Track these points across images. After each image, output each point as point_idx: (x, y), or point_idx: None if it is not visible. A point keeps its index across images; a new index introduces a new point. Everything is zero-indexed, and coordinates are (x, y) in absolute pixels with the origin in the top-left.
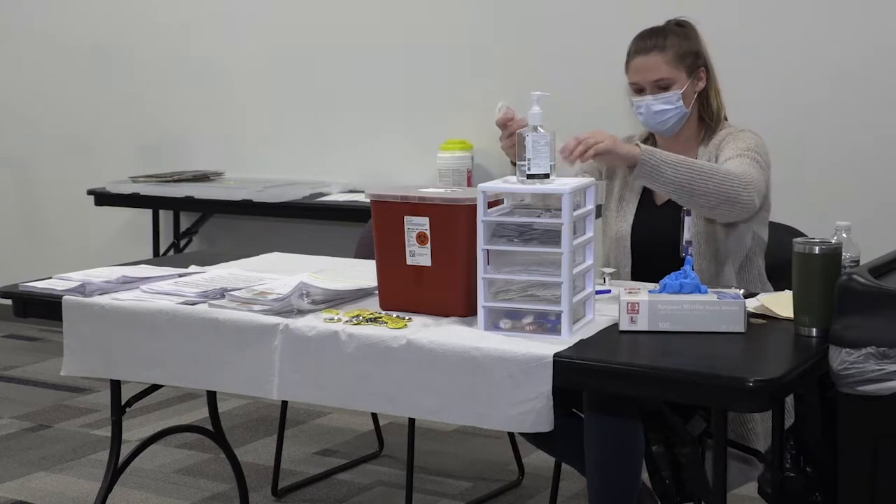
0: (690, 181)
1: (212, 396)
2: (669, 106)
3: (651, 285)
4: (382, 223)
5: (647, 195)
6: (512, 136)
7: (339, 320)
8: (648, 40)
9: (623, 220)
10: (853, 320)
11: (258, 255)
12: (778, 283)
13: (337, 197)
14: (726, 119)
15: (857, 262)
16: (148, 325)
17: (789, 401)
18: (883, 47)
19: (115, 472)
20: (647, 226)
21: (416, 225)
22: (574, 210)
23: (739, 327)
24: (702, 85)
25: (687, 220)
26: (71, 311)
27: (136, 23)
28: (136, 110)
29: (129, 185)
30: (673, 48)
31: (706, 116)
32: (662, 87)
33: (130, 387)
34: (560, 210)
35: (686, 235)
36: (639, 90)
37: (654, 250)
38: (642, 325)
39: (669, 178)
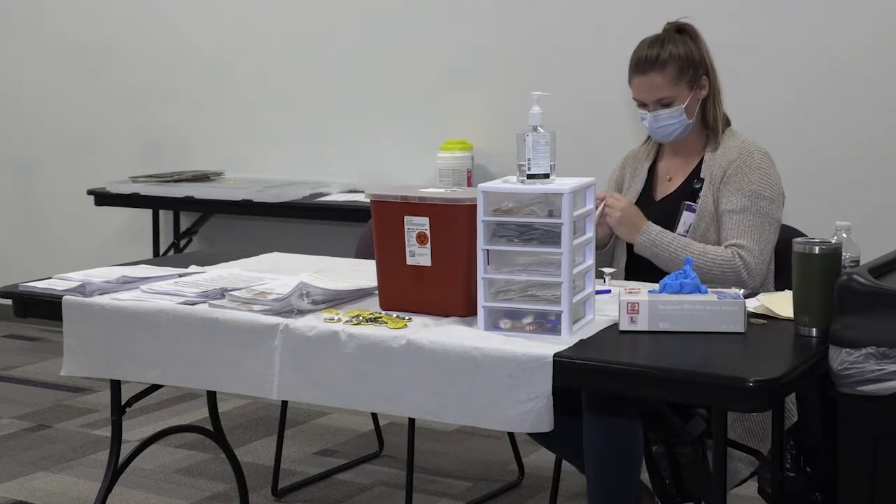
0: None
1: (212, 396)
2: (672, 121)
3: (651, 285)
4: (382, 223)
5: (646, 191)
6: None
7: (339, 320)
8: (648, 56)
9: None
10: (853, 320)
11: (258, 255)
12: (778, 283)
13: (337, 197)
14: (730, 124)
15: (857, 262)
16: (148, 325)
17: (790, 401)
18: (884, 46)
19: (115, 472)
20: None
21: (416, 225)
22: (574, 210)
23: (739, 327)
24: (704, 93)
25: (684, 215)
26: (71, 311)
27: (137, 22)
28: (137, 110)
29: (129, 185)
30: (673, 63)
31: (707, 122)
32: (664, 104)
33: (130, 387)
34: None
35: (681, 229)
36: (641, 105)
37: None
38: (642, 325)
39: (664, 265)
